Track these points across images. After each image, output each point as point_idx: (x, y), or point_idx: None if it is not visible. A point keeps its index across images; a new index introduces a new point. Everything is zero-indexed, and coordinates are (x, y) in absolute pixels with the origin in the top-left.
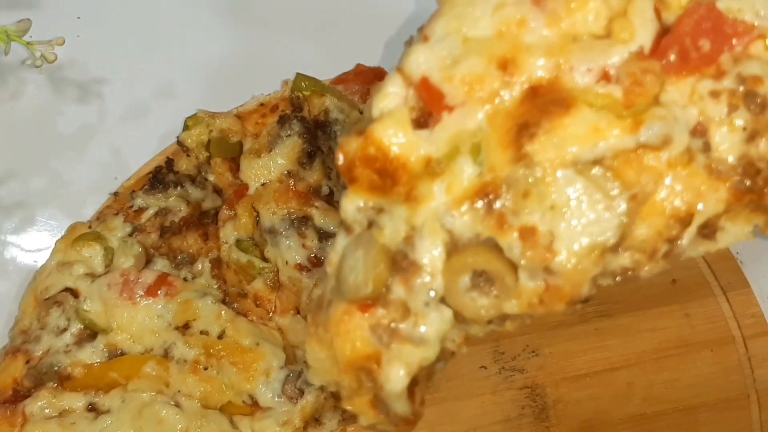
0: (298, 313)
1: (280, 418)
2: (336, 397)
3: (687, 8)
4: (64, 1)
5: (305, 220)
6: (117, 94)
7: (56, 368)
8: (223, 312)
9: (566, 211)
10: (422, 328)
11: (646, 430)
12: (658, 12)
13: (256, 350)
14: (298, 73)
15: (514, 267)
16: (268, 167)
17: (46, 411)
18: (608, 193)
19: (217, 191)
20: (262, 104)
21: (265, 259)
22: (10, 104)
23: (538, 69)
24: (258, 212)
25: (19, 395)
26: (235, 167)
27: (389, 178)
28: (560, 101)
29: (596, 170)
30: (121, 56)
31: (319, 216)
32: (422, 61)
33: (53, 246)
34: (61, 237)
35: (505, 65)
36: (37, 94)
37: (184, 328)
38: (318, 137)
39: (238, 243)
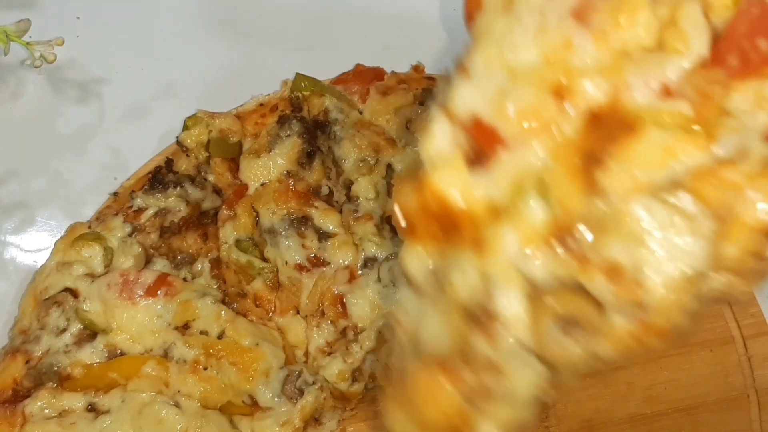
0: (298, 313)
1: (280, 418)
2: None
3: (739, 9)
4: (64, 1)
5: (305, 220)
6: (117, 94)
7: (56, 368)
8: (222, 312)
9: (649, 241)
10: (511, 383)
11: (646, 430)
12: (706, 16)
13: (256, 350)
14: (297, 73)
15: (602, 306)
16: (268, 167)
17: (46, 411)
18: (691, 216)
19: (217, 191)
20: (261, 104)
21: (264, 259)
22: (10, 104)
23: (594, 92)
24: (257, 212)
25: (19, 395)
26: (234, 167)
27: (452, 226)
28: (624, 124)
29: (674, 193)
30: (121, 56)
31: (319, 216)
32: (468, 99)
33: (53, 246)
34: (61, 237)
35: (558, 92)
36: (37, 94)
37: (184, 328)
38: (317, 137)
39: (238, 243)
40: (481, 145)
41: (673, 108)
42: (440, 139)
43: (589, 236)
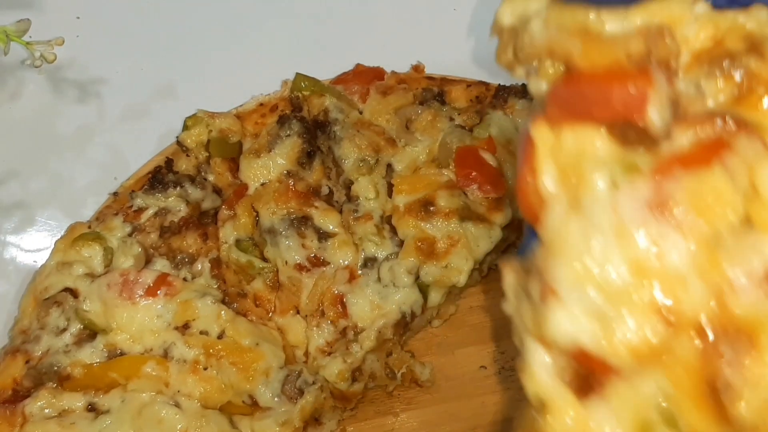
0: (298, 313)
1: (280, 418)
2: None
3: None
4: (64, 1)
5: (305, 220)
6: (117, 94)
7: (56, 368)
8: (222, 312)
9: None
10: None
11: None
12: None
13: (256, 350)
14: (297, 73)
15: None
16: (268, 167)
17: (46, 411)
18: None
19: (217, 191)
20: (261, 104)
21: (264, 259)
22: (10, 104)
23: (701, 302)
24: (257, 212)
25: (19, 395)
26: (234, 167)
27: None
28: (742, 335)
29: None
30: (121, 56)
31: (319, 216)
32: (566, 328)
33: (53, 246)
34: (61, 237)
35: (664, 312)
36: (37, 94)
37: (184, 328)
38: (318, 137)
39: (238, 243)
40: (590, 372)
41: None
42: (542, 376)
43: None
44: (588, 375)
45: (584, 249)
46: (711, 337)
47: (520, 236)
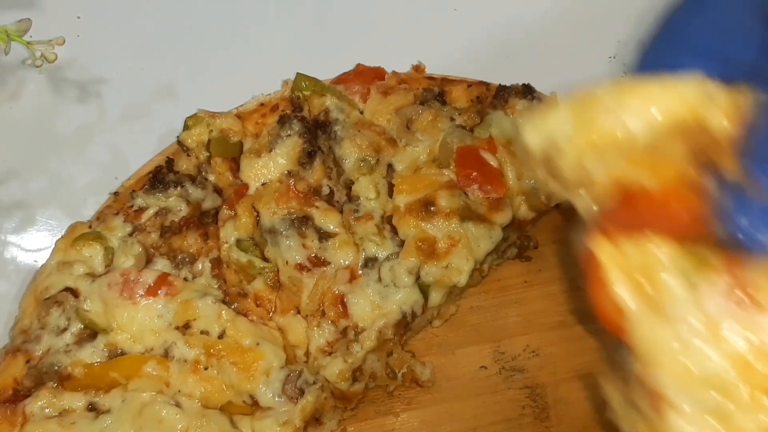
0: (299, 312)
1: (281, 418)
2: None
3: None
4: (64, 1)
5: (305, 219)
6: (117, 94)
7: (56, 368)
8: (223, 312)
9: None
10: None
11: None
12: None
13: (257, 350)
14: (298, 73)
15: None
16: (269, 167)
17: (47, 411)
18: None
19: (218, 191)
20: (262, 104)
21: (265, 259)
22: (10, 104)
23: None
24: (258, 212)
25: (20, 395)
26: (235, 167)
27: None
28: None
29: None
30: (121, 56)
31: (320, 216)
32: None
33: (53, 246)
34: (62, 237)
35: None
36: (37, 94)
37: (185, 327)
38: (318, 137)
39: (239, 243)
40: None
41: None
42: None
43: None
44: None
45: (683, 352)
46: None
47: (520, 236)
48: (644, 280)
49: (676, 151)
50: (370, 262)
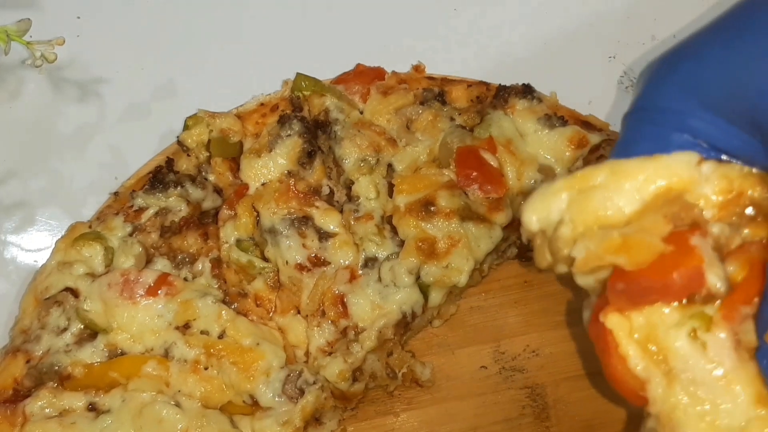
0: (299, 312)
1: (281, 418)
2: None
3: None
4: (64, 1)
5: (305, 219)
6: (117, 94)
7: (56, 368)
8: (223, 312)
9: None
10: None
11: None
12: None
13: (257, 350)
14: (298, 73)
15: None
16: (269, 167)
17: (47, 410)
18: None
19: (218, 191)
20: (262, 104)
21: (265, 259)
22: (10, 104)
23: None
24: (258, 212)
25: (20, 395)
26: (235, 167)
27: None
28: None
29: None
30: (121, 56)
31: (320, 216)
32: None
33: (53, 246)
34: (62, 237)
35: None
36: (37, 93)
37: (185, 327)
38: (318, 137)
39: (239, 243)
40: None
41: None
42: None
43: None
44: None
45: (700, 405)
46: None
47: (520, 236)
48: (651, 343)
49: (662, 229)
50: (370, 262)
